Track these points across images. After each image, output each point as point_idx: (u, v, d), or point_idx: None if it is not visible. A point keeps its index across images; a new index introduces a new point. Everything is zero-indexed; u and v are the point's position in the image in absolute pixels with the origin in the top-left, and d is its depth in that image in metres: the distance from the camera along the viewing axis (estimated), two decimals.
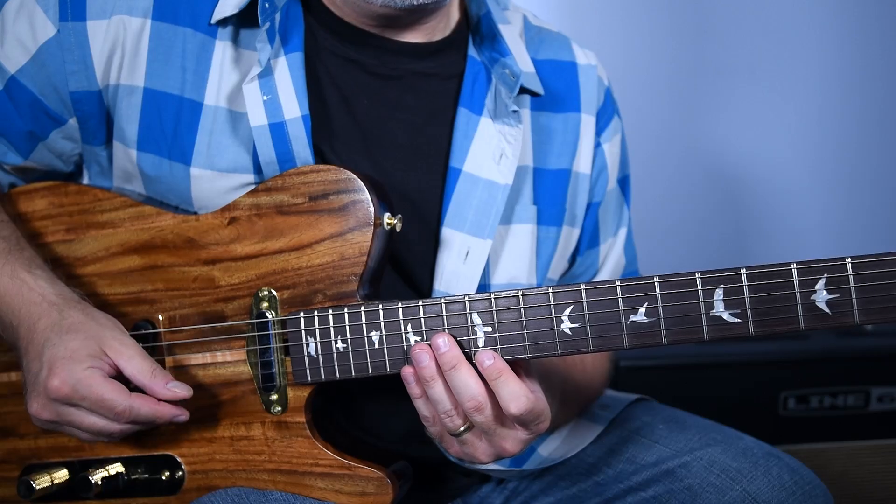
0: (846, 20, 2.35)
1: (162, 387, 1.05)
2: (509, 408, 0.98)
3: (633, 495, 1.20)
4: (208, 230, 1.13)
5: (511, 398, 0.98)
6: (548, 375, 1.18)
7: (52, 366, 1.03)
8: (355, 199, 1.09)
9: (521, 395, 0.98)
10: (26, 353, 1.07)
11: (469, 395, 1.00)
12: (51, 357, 1.03)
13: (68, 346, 1.03)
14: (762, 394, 1.91)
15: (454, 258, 1.18)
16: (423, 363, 1.01)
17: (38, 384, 1.04)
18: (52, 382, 1.02)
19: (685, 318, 0.97)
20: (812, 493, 1.14)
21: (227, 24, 1.18)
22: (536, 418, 1.01)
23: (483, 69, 1.25)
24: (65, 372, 1.02)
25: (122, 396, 1.03)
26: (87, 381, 1.02)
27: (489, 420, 1.01)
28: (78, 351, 1.03)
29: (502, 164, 1.20)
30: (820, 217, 2.40)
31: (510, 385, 0.99)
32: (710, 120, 2.38)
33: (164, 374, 1.06)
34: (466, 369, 1.00)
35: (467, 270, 1.18)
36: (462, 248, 1.18)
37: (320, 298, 1.09)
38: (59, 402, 1.04)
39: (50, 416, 1.05)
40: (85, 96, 1.18)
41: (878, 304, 0.93)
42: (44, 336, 1.05)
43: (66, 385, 1.02)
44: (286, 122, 1.14)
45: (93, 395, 1.02)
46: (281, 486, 1.10)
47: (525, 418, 1.00)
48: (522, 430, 1.02)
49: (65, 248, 1.18)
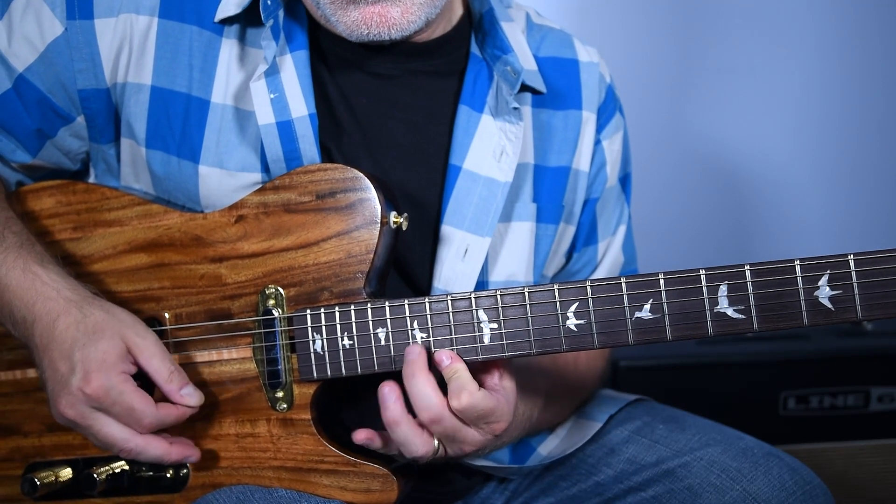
0: (846, 19, 2.35)
1: (176, 392, 1.06)
2: (452, 401, 1.00)
3: (633, 495, 1.20)
4: (215, 228, 1.13)
5: (456, 391, 1.00)
6: (532, 376, 1.19)
7: (86, 368, 1.03)
8: (362, 197, 1.09)
9: (464, 390, 1.00)
10: (46, 350, 1.06)
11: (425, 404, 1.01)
12: (83, 358, 1.03)
13: (98, 346, 1.04)
14: (762, 394, 1.91)
15: (453, 256, 1.19)
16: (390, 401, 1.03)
17: (69, 384, 1.04)
18: (87, 385, 1.03)
19: (690, 315, 0.98)
20: (812, 493, 1.15)
21: (233, 22, 1.18)
22: (484, 417, 1.02)
23: (485, 66, 1.25)
24: (101, 375, 1.03)
25: (150, 409, 1.04)
26: (119, 388, 1.03)
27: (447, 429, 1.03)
28: (109, 352, 1.04)
29: (503, 161, 1.21)
30: (822, 214, 2.40)
31: (460, 381, 1.01)
32: (710, 118, 2.38)
33: (180, 378, 1.07)
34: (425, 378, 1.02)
35: (466, 268, 1.19)
36: (461, 245, 1.19)
37: (327, 296, 1.09)
38: (87, 406, 1.04)
39: (74, 416, 1.05)
40: (93, 94, 1.18)
41: (881, 300, 0.94)
42: (69, 335, 1.05)
43: (101, 388, 1.03)
44: (293, 121, 1.15)
45: (124, 403, 1.03)
46: (286, 484, 1.11)
47: (469, 414, 1.01)
48: (476, 429, 1.04)
49: (72, 246, 1.18)
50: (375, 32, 1.11)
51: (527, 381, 1.17)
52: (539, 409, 1.21)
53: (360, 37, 1.12)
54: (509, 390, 1.06)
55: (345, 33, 1.13)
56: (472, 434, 1.04)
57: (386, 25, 1.11)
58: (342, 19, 1.12)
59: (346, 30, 1.12)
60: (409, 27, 1.12)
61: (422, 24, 1.14)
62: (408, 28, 1.12)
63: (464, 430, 1.04)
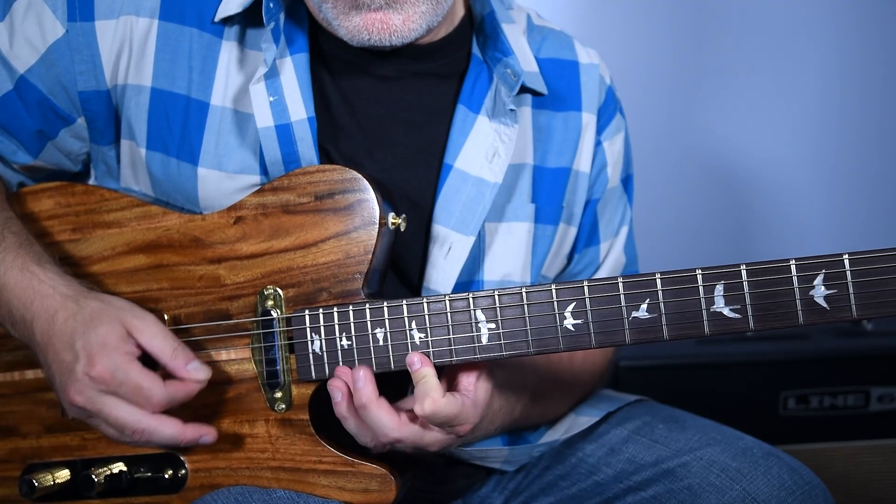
0: (846, 19, 2.35)
1: (182, 367, 1.06)
2: (414, 407, 1.01)
3: (632, 495, 1.20)
4: (214, 229, 1.14)
5: (419, 397, 1.01)
6: (520, 370, 1.20)
7: (89, 353, 1.03)
8: (360, 198, 1.10)
9: (427, 396, 1.01)
10: (48, 346, 1.07)
11: (382, 432, 1.03)
12: (84, 345, 1.04)
13: (98, 331, 1.04)
14: (762, 394, 1.91)
15: (437, 254, 1.19)
16: (336, 399, 1.05)
17: (74, 371, 1.04)
18: (92, 368, 1.03)
19: (686, 314, 0.99)
20: (812, 493, 1.15)
21: (233, 24, 1.19)
22: (447, 422, 1.03)
23: (485, 68, 1.25)
24: (104, 358, 1.03)
25: (158, 386, 1.04)
26: (124, 367, 1.03)
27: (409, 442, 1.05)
28: (109, 336, 1.04)
29: (494, 162, 1.21)
30: (819, 214, 2.40)
31: (425, 387, 1.02)
32: (709, 118, 2.38)
33: (185, 354, 1.06)
34: (377, 407, 1.03)
35: (447, 266, 1.19)
36: (446, 243, 1.19)
37: (325, 296, 1.10)
38: (95, 390, 1.04)
39: (84, 403, 1.05)
40: (93, 96, 1.19)
41: (875, 299, 0.94)
42: (68, 327, 1.05)
43: (106, 371, 1.03)
44: (292, 124, 1.15)
45: (130, 382, 1.03)
46: (284, 484, 1.11)
47: (431, 420, 1.02)
48: (438, 430, 1.05)
49: (71, 247, 1.18)
50: (377, 38, 1.12)
51: (513, 375, 1.17)
52: (524, 403, 1.21)
53: (361, 42, 1.13)
54: (482, 392, 1.06)
55: (346, 38, 1.14)
56: (433, 435, 1.06)
57: (387, 32, 1.12)
58: (344, 24, 1.12)
59: (347, 34, 1.13)
60: (410, 35, 1.13)
61: (423, 31, 1.15)
62: (409, 35, 1.13)
63: (426, 436, 1.05)
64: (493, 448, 1.24)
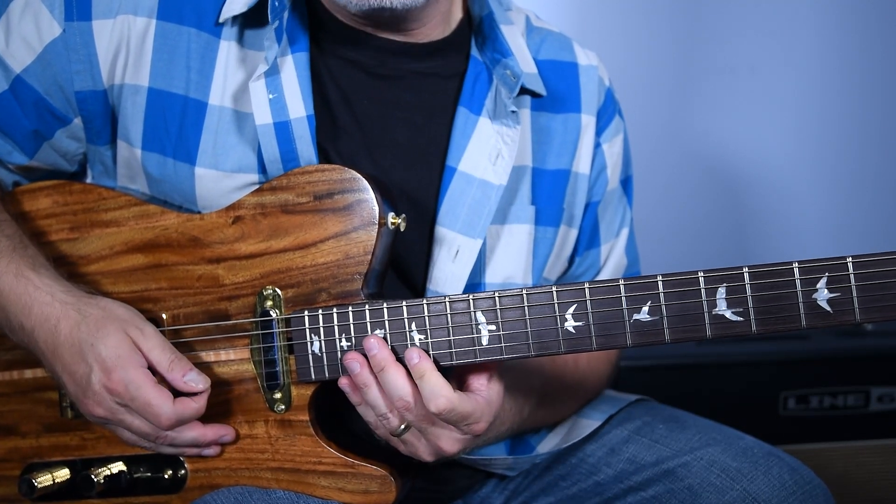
0: (846, 20, 2.35)
1: (179, 379, 1.06)
2: (429, 406, 1.00)
3: (633, 495, 1.20)
4: (213, 229, 1.13)
5: (431, 397, 1.00)
6: (526, 373, 1.19)
7: (103, 366, 1.04)
8: (360, 198, 1.09)
9: (440, 395, 1.00)
10: (55, 355, 1.07)
11: (398, 395, 1.02)
12: (97, 357, 1.04)
13: (108, 343, 1.05)
14: (762, 394, 1.91)
15: (444, 257, 1.19)
16: (356, 371, 1.04)
17: (91, 384, 1.05)
18: (109, 381, 1.04)
19: (688, 317, 0.98)
20: (812, 493, 1.15)
21: (233, 23, 1.18)
22: (463, 419, 1.02)
23: (485, 70, 1.25)
24: (120, 371, 1.04)
25: (167, 404, 1.04)
26: (137, 382, 1.04)
27: (420, 419, 1.03)
28: (120, 347, 1.05)
29: (498, 164, 1.21)
30: (820, 216, 2.40)
31: (431, 384, 1.01)
32: (710, 119, 2.38)
33: (181, 366, 1.07)
34: (395, 370, 1.03)
35: (456, 269, 1.19)
36: (453, 246, 1.19)
37: (324, 297, 1.09)
38: (112, 401, 1.05)
39: (105, 414, 1.06)
40: (90, 96, 1.18)
41: (879, 303, 0.94)
42: (75, 337, 1.06)
43: (121, 383, 1.04)
44: (291, 122, 1.15)
45: (141, 398, 1.04)
46: (284, 485, 1.11)
47: (447, 417, 1.01)
48: (454, 429, 1.04)
49: (69, 246, 1.18)
50: (377, 1, 1.12)
51: (520, 378, 1.17)
52: (531, 406, 1.21)
53: (360, 5, 1.12)
54: (494, 392, 1.06)
55: (349, 5, 1.13)
56: (448, 434, 1.05)
57: None
58: None
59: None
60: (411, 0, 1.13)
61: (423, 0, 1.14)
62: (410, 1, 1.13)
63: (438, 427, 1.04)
64: (497, 458, 1.24)
